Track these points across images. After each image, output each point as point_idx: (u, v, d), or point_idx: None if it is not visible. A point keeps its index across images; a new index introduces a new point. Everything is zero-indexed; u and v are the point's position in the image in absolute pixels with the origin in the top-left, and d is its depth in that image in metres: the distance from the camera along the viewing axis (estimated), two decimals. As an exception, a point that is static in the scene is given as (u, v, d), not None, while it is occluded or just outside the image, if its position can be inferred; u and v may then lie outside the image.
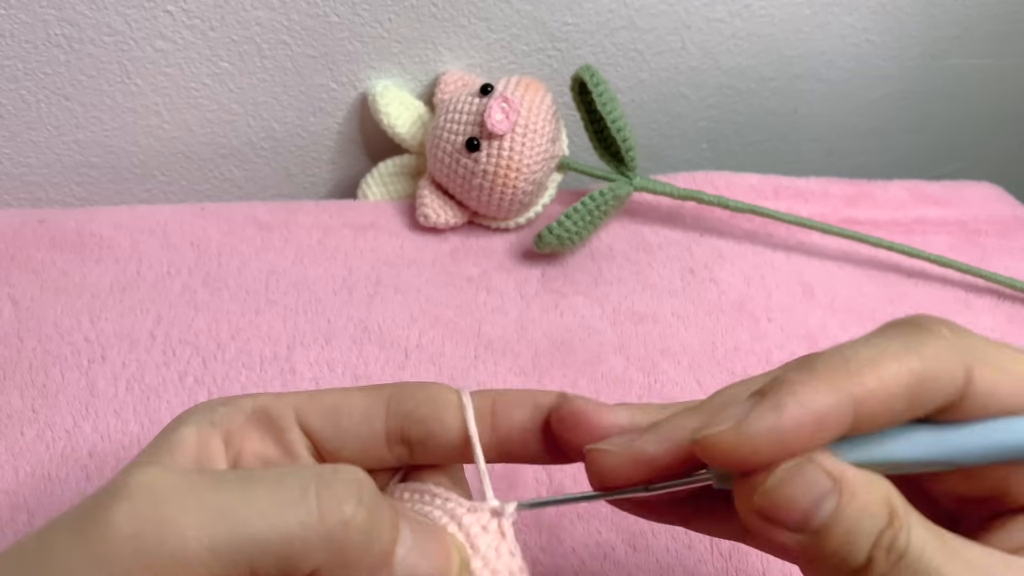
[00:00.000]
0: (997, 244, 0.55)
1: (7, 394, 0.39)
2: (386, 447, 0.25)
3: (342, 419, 0.25)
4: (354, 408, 0.25)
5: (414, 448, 0.25)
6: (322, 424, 0.25)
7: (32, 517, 0.35)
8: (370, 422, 0.25)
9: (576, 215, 0.47)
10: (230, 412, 0.24)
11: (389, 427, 0.25)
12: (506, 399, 0.25)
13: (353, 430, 0.25)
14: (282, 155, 0.55)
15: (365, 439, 0.25)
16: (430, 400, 0.25)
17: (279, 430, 0.24)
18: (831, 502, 0.20)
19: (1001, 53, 0.68)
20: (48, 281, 0.44)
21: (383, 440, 0.25)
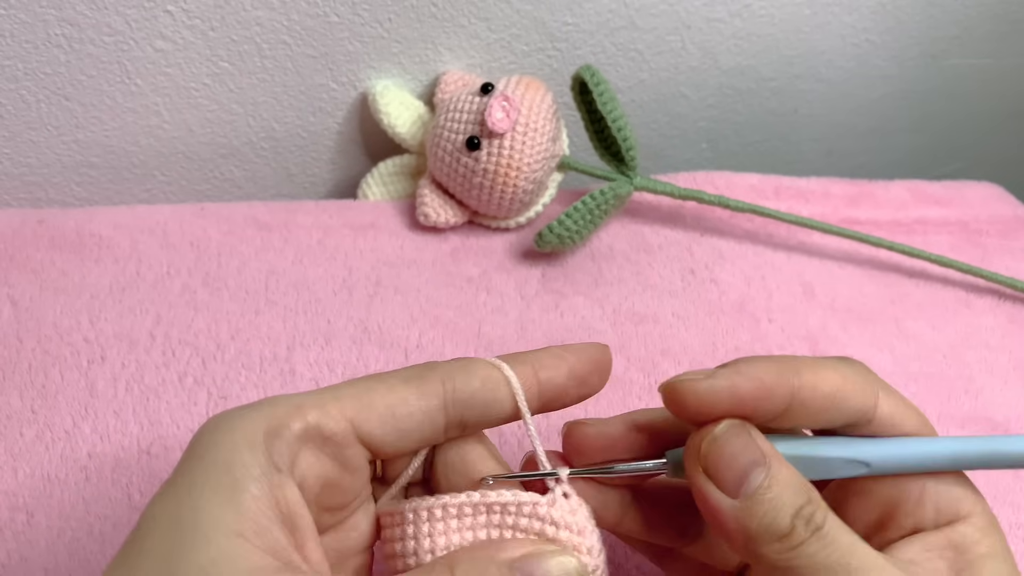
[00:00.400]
0: (998, 244, 0.55)
1: (6, 395, 0.39)
2: (443, 434, 0.26)
3: (402, 423, 0.25)
4: (412, 410, 0.25)
5: (467, 427, 0.26)
6: (383, 432, 0.24)
7: (31, 518, 0.35)
8: (431, 420, 0.25)
9: (577, 214, 0.47)
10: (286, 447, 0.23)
11: (449, 417, 0.25)
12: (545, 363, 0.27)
13: (415, 430, 0.25)
14: (282, 155, 0.55)
15: (426, 435, 0.25)
16: (484, 383, 0.26)
17: (338, 447, 0.24)
18: (762, 474, 0.23)
19: (1001, 53, 0.68)
20: (47, 281, 0.44)
21: (442, 432, 0.26)
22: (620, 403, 0.42)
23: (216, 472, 0.22)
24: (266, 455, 0.22)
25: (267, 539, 0.21)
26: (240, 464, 0.22)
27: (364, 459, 0.25)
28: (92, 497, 0.36)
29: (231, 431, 0.23)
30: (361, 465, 0.25)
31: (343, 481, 0.25)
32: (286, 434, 0.23)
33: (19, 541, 0.34)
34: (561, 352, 0.27)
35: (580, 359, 0.27)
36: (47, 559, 0.34)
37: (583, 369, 0.27)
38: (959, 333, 0.48)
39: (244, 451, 0.22)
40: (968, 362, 0.47)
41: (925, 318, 0.49)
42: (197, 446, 0.23)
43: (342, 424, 0.24)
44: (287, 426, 0.23)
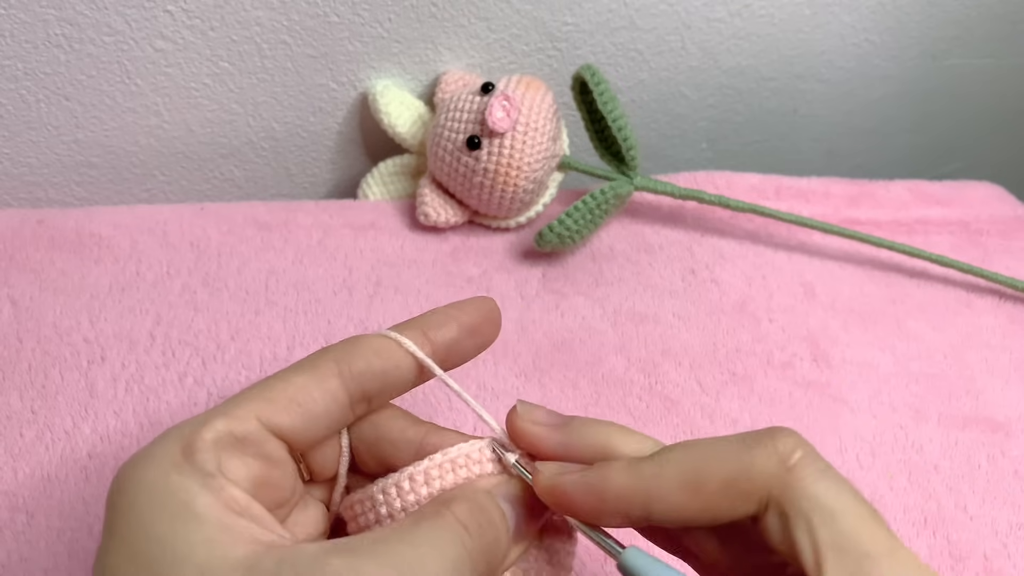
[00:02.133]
0: (999, 244, 0.55)
1: (6, 395, 0.39)
2: (350, 411, 0.27)
3: (306, 408, 0.25)
4: (312, 394, 0.26)
5: (372, 400, 0.27)
6: (291, 421, 0.25)
7: (31, 518, 0.35)
8: (335, 400, 0.26)
9: (577, 213, 0.47)
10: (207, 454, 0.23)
11: (351, 393, 0.26)
12: (432, 323, 0.28)
13: (322, 413, 0.26)
14: (282, 155, 0.55)
15: (333, 415, 0.26)
16: (376, 353, 0.27)
17: (255, 444, 0.24)
18: None
19: (1001, 53, 0.68)
20: (47, 281, 0.44)
21: (348, 408, 0.26)
22: (620, 403, 0.42)
23: (158, 503, 0.22)
24: (193, 468, 0.23)
25: (239, 533, 0.22)
26: (176, 486, 0.22)
27: (284, 451, 0.25)
28: (92, 497, 0.36)
29: (149, 465, 0.23)
30: (283, 458, 0.25)
31: (272, 478, 0.25)
32: (201, 445, 0.23)
33: (19, 541, 0.34)
34: (447, 309, 0.28)
35: (466, 312, 0.28)
36: (47, 559, 0.34)
37: (471, 321, 0.28)
38: (960, 333, 0.48)
39: (173, 475, 0.22)
40: (969, 362, 0.47)
41: (926, 318, 0.49)
42: (119, 497, 0.23)
43: (251, 423, 0.24)
44: (200, 438, 0.23)
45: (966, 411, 0.44)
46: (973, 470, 0.41)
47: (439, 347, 0.28)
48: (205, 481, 0.22)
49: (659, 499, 0.24)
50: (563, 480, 0.25)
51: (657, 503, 0.24)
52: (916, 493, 0.40)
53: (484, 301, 0.29)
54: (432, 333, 0.28)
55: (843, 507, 0.23)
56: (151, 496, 0.22)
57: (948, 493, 0.40)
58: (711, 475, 0.24)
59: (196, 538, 0.21)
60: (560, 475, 0.25)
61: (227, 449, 0.24)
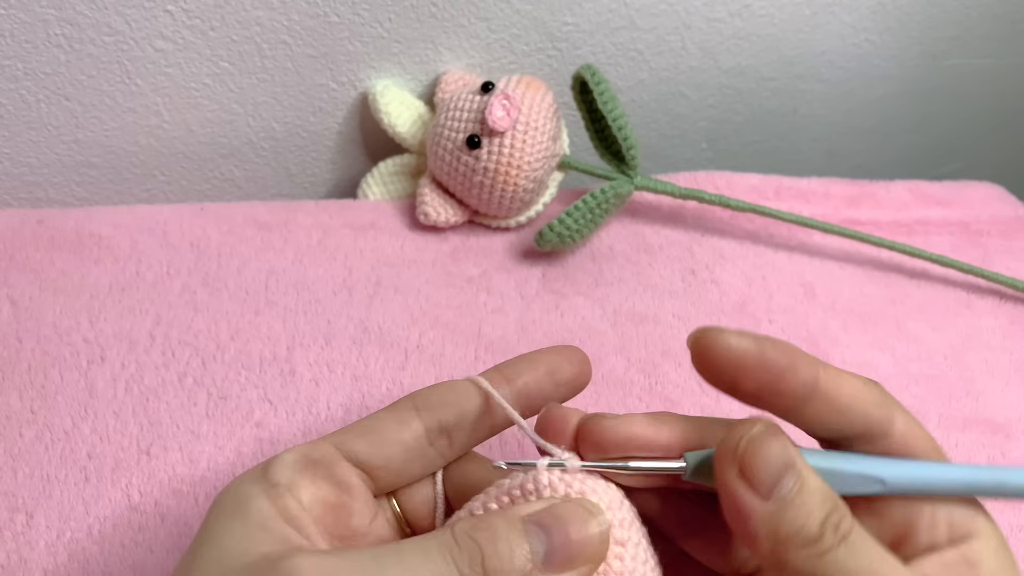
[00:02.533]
0: (999, 244, 0.55)
1: (6, 395, 0.39)
2: (428, 444, 0.27)
3: (382, 435, 0.27)
4: (388, 424, 0.27)
5: (452, 435, 0.28)
6: (366, 446, 0.27)
7: (31, 519, 0.35)
8: (408, 427, 0.27)
9: (577, 212, 0.47)
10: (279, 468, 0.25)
11: (426, 425, 0.27)
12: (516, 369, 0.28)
13: (396, 440, 0.27)
14: (282, 155, 0.55)
15: (409, 445, 0.27)
16: (450, 388, 0.28)
17: (327, 466, 0.26)
18: (793, 479, 0.23)
19: (1001, 53, 0.68)
20: (47, 281, 0.44)
21: (424, 440, 0.27)
22: (620, 403, 0.42)
23: (225, 506, 0.25)
24: (264, 478, 0.25)
25: (275, 535, 0.23)
26: (243, 492, 0.25)
27: (357, 478, 0.26)
28: (92, 498, 0.36)
29: (237, 480, 0.26)
30: (356, 484, 0.26)
31: (342, 501, 0.26)
32: (278, 462, 0.26)
33: (18, 542, 0.34)
34: (533, 355, 0.29)
35: (552, 358, 0.29)
36: (46, 560, 0.34)
37: (557, 367, 0.29)
38: (960, 334, 0.48)
39: (246, 484, 0.25)
40: (969, 363, 0.47)
41: (926, 319, 0.49)
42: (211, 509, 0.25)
43: (327, 447, 0.26)
44: (279, 457, 0.26)
45: (966, 412, 0.44)
46: (973, 471, 0.41)
47: (522, 393, 0.28)
48: (267, 489, 0.25)
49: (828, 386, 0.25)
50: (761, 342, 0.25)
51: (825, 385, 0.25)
52: (916, 494, 0.40)
53: (568, 348, 0.30)
54: (517, 379, 0.28)
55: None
56: (225, 501, 0.25)
57: (948, 494, 0.40)
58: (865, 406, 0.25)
59: (234, 529, 0.23)
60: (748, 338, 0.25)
61: (302, 470, 0.26)
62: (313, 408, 0.40)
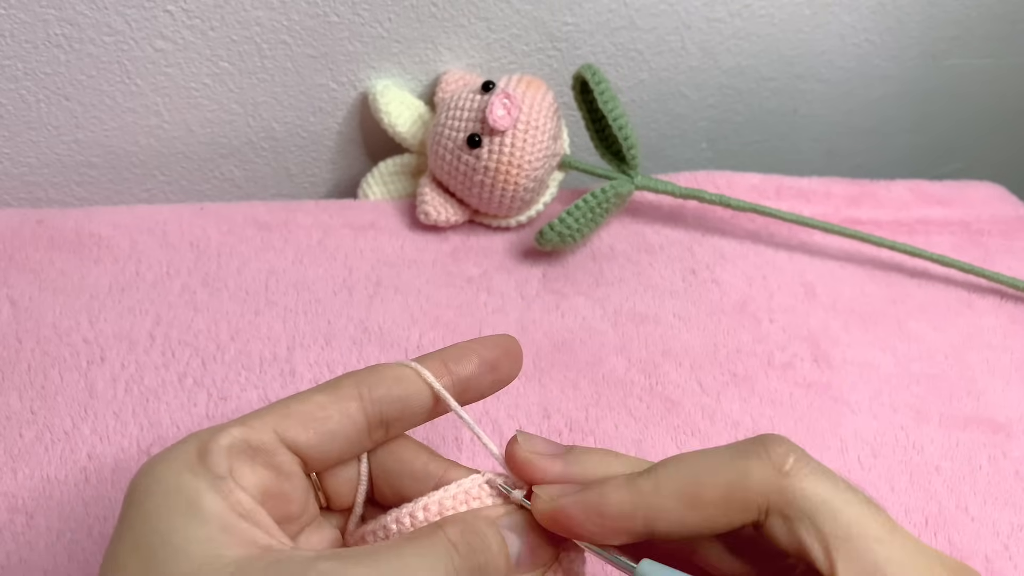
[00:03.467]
0: (1000, 244, 0.55)
1: (5, 395, 0.39)
2: (367, 435, 0.27)
3: (324, 425, 0.26)
4: (329, 412, 0.26)
5: (390, 426, 0.27)
6: (307, 437, 0.26)
7: (31, 519, 0.35)
8: (352, 421, 0.26)
9: (578, 212, 0.47)
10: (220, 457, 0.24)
11: (368, 418, 0.27)
12: (453, 355, 0.28)
13: (338, 432, 0.26)
14: (282, 155, 0.55)
15: (350, 436, 0.27)
16: (396, 380, 0.27)
17: (267, 454, 0.25)
18: None
19: (1001, 53, 0.68)
20: (47, 281, 0.44)
21: (365, 432, 0.27)
22: (621, 404, 0.42)
23: (167, 499, 0.23)
24: (205, 470, 0.24)
25: (240, 535, 0.22)
26: (187, 484, 0.23)
27: (296, 466, 0.26)
28: (91, 498, 0.36)
29: (165, 464, 0.24)
30: (295, 472, 0.26)
31: (282, 489, 0.26)
32: (215, 448, 0.24)
33: (18, 542, 0.34)
34: (469, 344, 0.29)
35: (487, 347, 0.29)
36: (46, 560, 0.34)
37: (492, 357, 0.29)
38: (961, 333, 0.48)
39: (186, 474, 0.23)
40: (970, 363, 0.47)
41: (927, 318, 0.49)
42: (134, 493, 0.24)
43: (267, 433, 0.25)
44: (215, 442, 0.24)
45: (967, 412, 0.44)
46: (974, 471, 0.41)
47: (458, 380, 0.28)
48: (214, 483, 0.23)
49: (659, 513, 0.24)
50: (562, 503, 0.25)
51: (657, 517, 0.24)
52: (917, 494, 0.40)
53: (505, 338, 0.29)
54: (452, 365, 0.28)
55: (842, 500, 0.24)
56: (162, 493, 0.23)
57: (949, 494, 0.40)
58: (707, 487, 0.24)
59: (196, 535, 0.22)
60: (558, 498, 0.26)
61: (240, 456, 0.24)
62: (313, 408, 0.40)
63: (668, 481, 0.25)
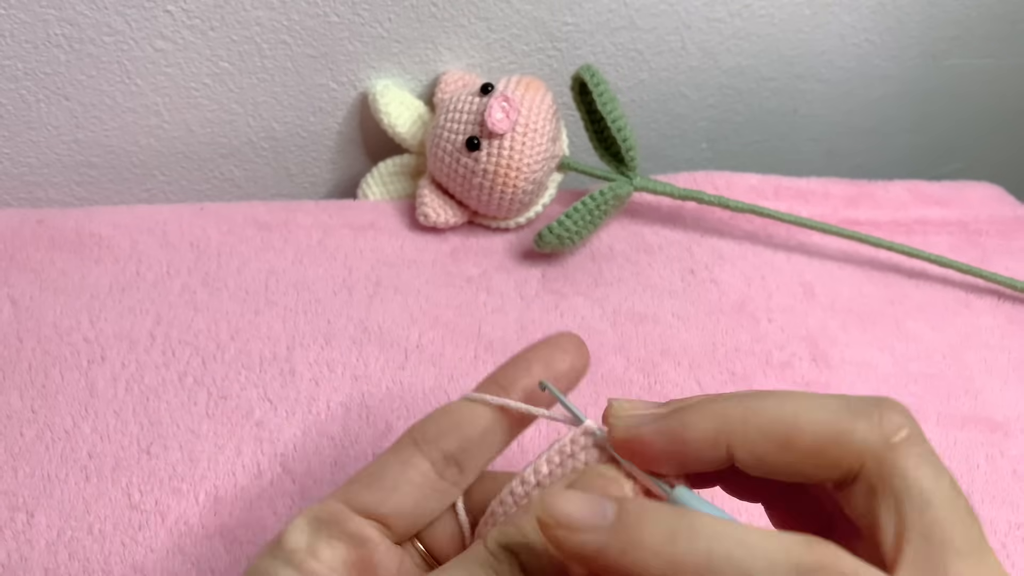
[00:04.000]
0: (998, 244, 0.55)
1: (6, 394, 0.39)
2: (438, 478, 0.26)
3: (387, 481, 0.26)
4: (391, 465, 0.26)
5: (460, 462, 0.27)
6: (373, 497, 0.26)
7: (31, 518, 0.35)
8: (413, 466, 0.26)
9: (576, 214, 0.47)
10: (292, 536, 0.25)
11: (431, 459, 0.26)
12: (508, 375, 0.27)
13: (403, 482, 0.26)
14: (282, 155, 0.55)
15: (418, 484, 0.26)
16: (445, 415, 0.27)
17: (339, 524, 0.25)
18: None
19: (1001, 53, 0.68)
20: (47, 281, 0.44)
21: (433, 475, 0.26)
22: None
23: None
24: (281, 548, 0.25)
25: None
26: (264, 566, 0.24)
27: (373, 529, 0.26)
28: (92, 497, 0.36)
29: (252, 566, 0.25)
30: (373, 536, 0.26)
31: (365, 558, 0.25)
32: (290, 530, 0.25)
33: (19, 541, 0.34)
34: (525, 356, 0.28)
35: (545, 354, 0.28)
36: (47, 559, 0.34)
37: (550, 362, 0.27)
38: (959, 333, 0.49)
39: (265, 561, 0.25)
40: (968, 363, 0.47)
41: (925, 318, 0.49)
42: None
43: (336, 505, 0.26)
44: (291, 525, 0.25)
45: (965, 411, 0.44)
46: (972, 470, 0.41)
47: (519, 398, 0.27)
48: (288, 557, 0.24)
49: (745, 448, 0.22)
50: (641, 432, 0.23)
51: (742, 452, 0.22)
52: (915, 493, 0.40)
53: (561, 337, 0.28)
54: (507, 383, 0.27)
55: (940, 497, 0.21)
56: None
57: (947, 493, 0.40)
58: (805, 433, 0.22)
59: None
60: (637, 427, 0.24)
61: (315, 532, 0.25)
62: (313, 408, 0.40)
63: (762, 416, 0.22)
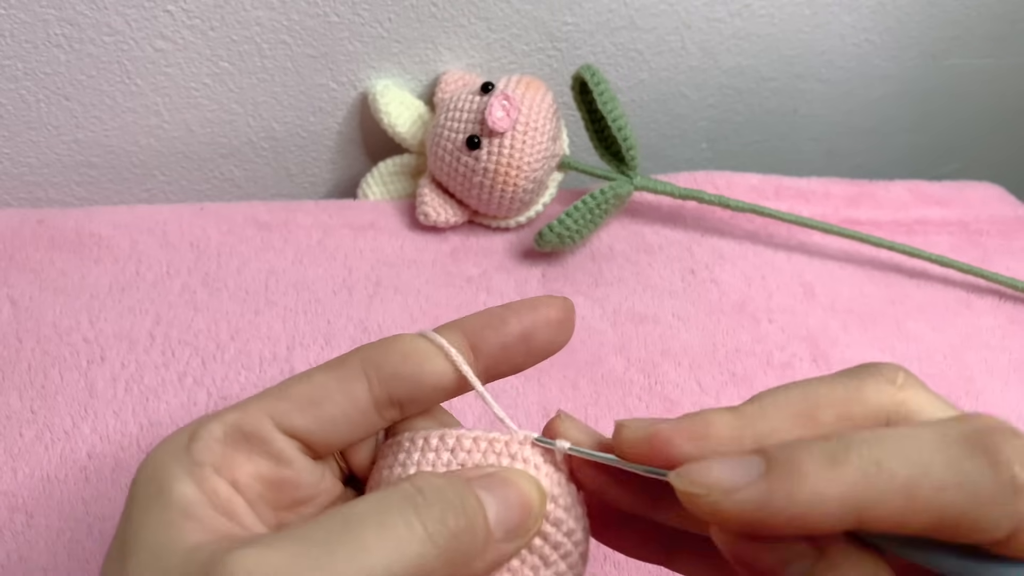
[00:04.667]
0: (998, 244, 0.55)
1: (6, 395, 0.39)
2: (376, 416, 0.24)
3: (325, 410, 0.24)
4: (332, 394, 0.24)
5: (404, 406, 0.25)
6: (306, 422, 0.24)
7: (30, 518, 0.35)
8: (355, 402, 0.24)
9: (577, 213, 0.47)
10: (206, 445, 0.23)
11: (376, 397, 0.24)
12: (474, 325, 0.25)
13: (340, 416, 0.24)
14: (282, 155, 0.55)
15: (354, 419, 0.24)
16: (406, 357, 0.24)
17: (262, 442, 0.23)
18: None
19: (1001, 53, 0.68)
20: (47, 281, 0.44)
21: (373, 412, 0.24)
22: (620, 403, 0.42)
23: (146, 488, 0.22)
24: (187, 456, 0.22)
25: (202, 523, 0.21)
26: (164, 472, 0.22)
27: (297, 451, 0.24)
28: (92, 497, 0.36)
29: (157, 452, 0.23)
30: (296, 458, 0.24)
31: (284, 476, 0.24)
32: (204, 435, 0.23)
33: (18, 541, 0.34)
34: (498, 310, 0.25)
35: (521, 314, 0.25)
36: (46, 559, 0.34)
37: (525, 324, 0.25)
38: (959, 334, 0.48)
39: (169, 461, 0.22)
40: (968, 363, 0.47)
41: (925, 319, 0.49)
42: (133, 482, 0.23)
43: (261, 420, 0.23)
44: (205, 429, 0.23)
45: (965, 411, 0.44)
46: (972, 470, 0.41)
47: (483, 354, 0.25)
48: (191, 470, 0.22)
49: (770, 434, 0.21)
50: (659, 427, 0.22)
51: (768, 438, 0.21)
52: (915, 493, 0.40)
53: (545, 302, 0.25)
54: (476, 337, 0.25)
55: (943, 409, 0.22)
56: (147, 480, 0.22)
57: (947, 493, 0.40)
58: (822, 406, 0.22)
59: (158, 520, 0.21)
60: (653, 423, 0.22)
61: (233, 444, 0.23)
62: (313, 408, 0.40)
63: (776, 403, 0.22)
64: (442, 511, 0.21)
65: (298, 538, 0.19)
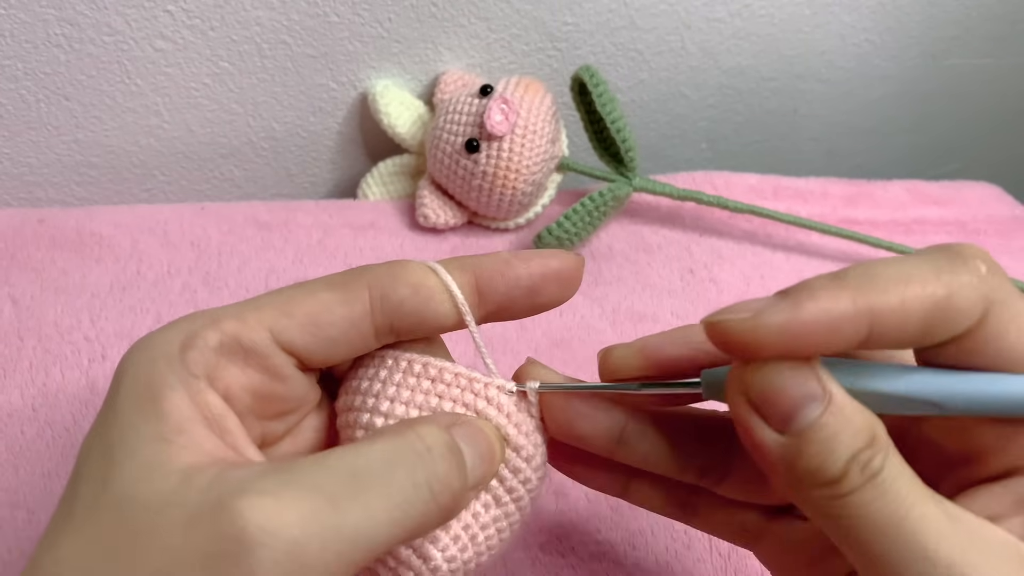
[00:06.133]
0: (996, 244, 0.55)
1: (7, 393, 0.39)
2: (373, 339, 0.24)
3: (324, 330, 0.23)
4: (334, 316, 0.24)
5: (401, 334, 0.25)
6: (305, 340, 0.23)
7: (32, 515, 0.35)
8: (356, 326, 0.24)
9: (576, 216, 0.47)
10: (201, 355, 0.22)
11: (377, 325, 0.24)
12: (484, 268, 0.25)
13: (340, 337, 0.24)
14: (282, 155, 0.55)
15: (352, 340, 0.24)
16: (415, 291, 0.24)
17: (260, 357, 0.23)
18: (817, 408, 0.20)
19: (1001, 53, 0.68)
20: (48, 280, 0.44)
21: (371, 336, 0.24)
22: (618, 403, 0.42)
23: (136, 389, 0.21)
24: (182, 365, 0.22)
25: (195, 440, 0.21)
26: (157, 376, 0.21)
27: (293, 367, 0.24)
28: (92, 496, 0.36)
29: (148, 349, 0.22)
30: (292, 374, 0.24)
31: (276, 390, 0.24)
32: (200, 344, 0.22)
33: (19, 538, 0.34)
34: (509, 258, 0.25)
35: (532, 267, 0.25)
36: (47, 557, 0.34)
37: (534, 278, 0.25)
38: (957, 333, 0.49)
39: (161, 364, 0.22)
40: (966, 362, 0.47)
41: (923, 318, 0.49)
42: (118, 373, 0.22)
43: (260, 334, 0.23)
44: (201, 337, 0.22)
45: (963, 411, 0.44)
46: (970, 470, 0.41)
47: (487, 297, 0.25)
48: (186, 380, 0.22)
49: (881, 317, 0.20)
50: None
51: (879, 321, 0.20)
52: (913, 493, 0.40)
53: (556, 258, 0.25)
54: (483, 279, 0.25)
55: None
56: (135, 379, 0.22)
57: (945, 493, 0.40)
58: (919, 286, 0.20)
59: (150, 432, 0.21)
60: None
61: (229, 355, 0.23)
62: (312, 407, 0.40)
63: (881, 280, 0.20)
64: (447, 472, 0.21)
65: (308, 489, 0.19)
